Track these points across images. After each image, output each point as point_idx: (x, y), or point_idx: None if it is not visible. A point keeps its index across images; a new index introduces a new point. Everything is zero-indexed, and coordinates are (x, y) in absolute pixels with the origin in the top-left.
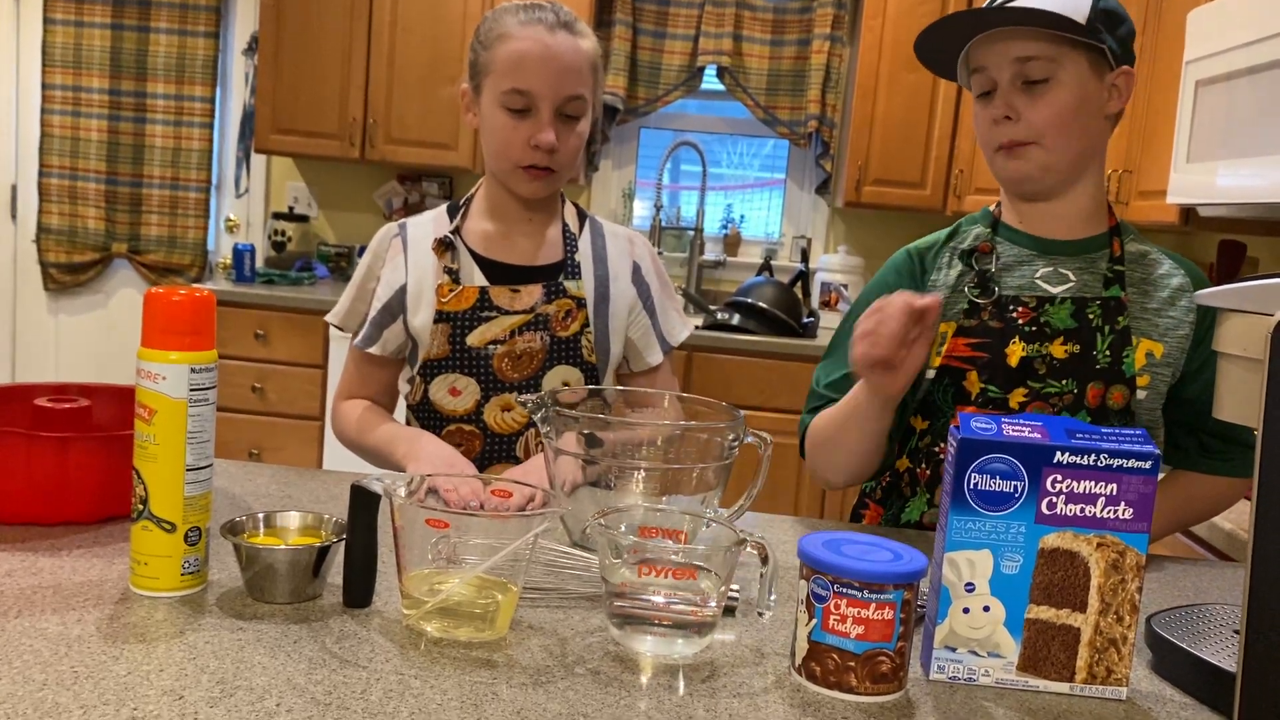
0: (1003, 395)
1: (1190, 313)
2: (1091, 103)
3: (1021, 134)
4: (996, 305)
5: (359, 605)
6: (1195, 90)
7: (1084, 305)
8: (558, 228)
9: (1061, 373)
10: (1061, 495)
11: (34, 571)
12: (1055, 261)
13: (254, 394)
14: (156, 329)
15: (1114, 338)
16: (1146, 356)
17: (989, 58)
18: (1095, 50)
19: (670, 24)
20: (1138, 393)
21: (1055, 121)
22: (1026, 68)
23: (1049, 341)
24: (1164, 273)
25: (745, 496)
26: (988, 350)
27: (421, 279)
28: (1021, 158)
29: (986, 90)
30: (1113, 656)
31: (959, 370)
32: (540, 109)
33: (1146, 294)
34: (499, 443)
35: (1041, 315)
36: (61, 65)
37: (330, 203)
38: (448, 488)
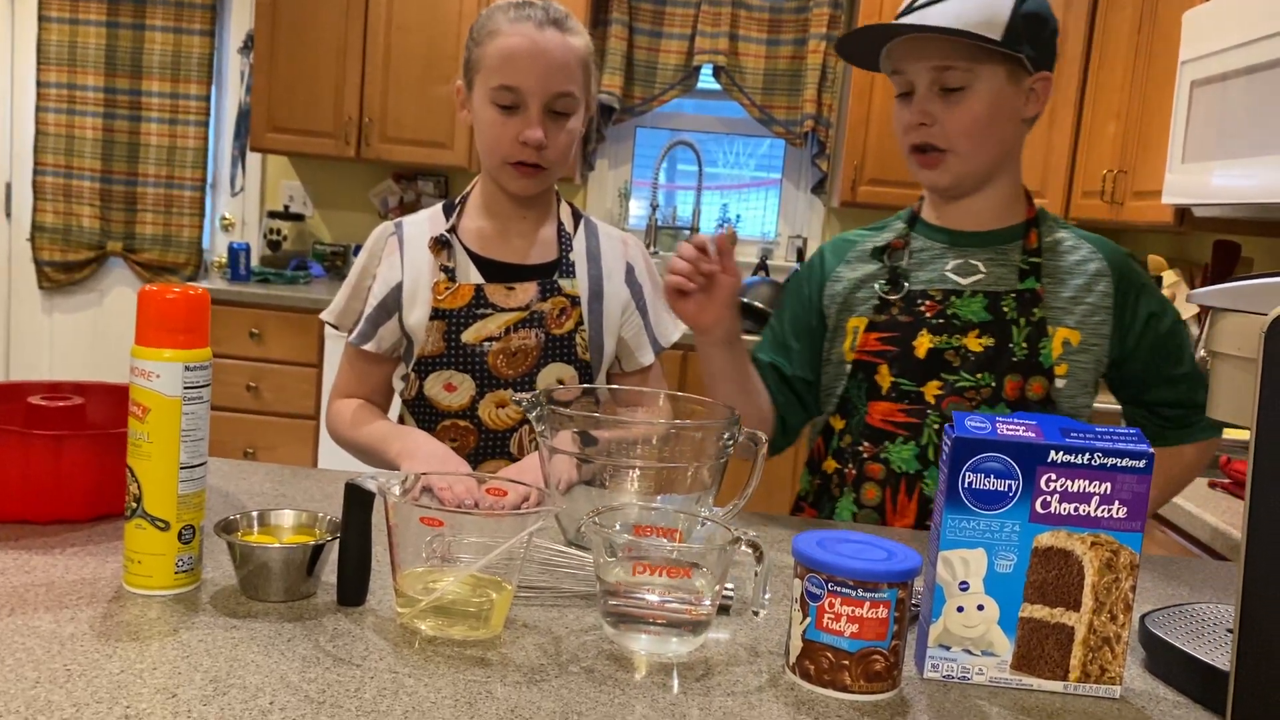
0: (916, 388)
1: (1108, 296)
2: (1007, 109)
3: (936, 139)
4: (905, 300)
5: (353, 604)
6: (1190, 91)
7: (998, 299)
8: (553, 226)
9: (977, 366)
10: (1055, 494)
11: (27, 569)
12: (966, 253)
13: (249, 393)
14: (150, 327)
15: (1030, 329)
16: (1063, 345)
17: (907, 62)
18: (1015, 58)
19: (666, 23)
20: (1056, 382)
21: (970, 130)
22: (944, 76)
23: (960, 334)
24: (1080, 259)
25: (740, 495)
26: (897, 344)
27: (417, 277)
28: (936, 167)
29: (906, 91)
30: (1106, 655)
31: (870, 364)
32: (529, 105)
33: (1062, 282)
34: (493, 439)
35: (949, 308)
36: (56, 63)
37: (326, 201)
38: (442, 486)
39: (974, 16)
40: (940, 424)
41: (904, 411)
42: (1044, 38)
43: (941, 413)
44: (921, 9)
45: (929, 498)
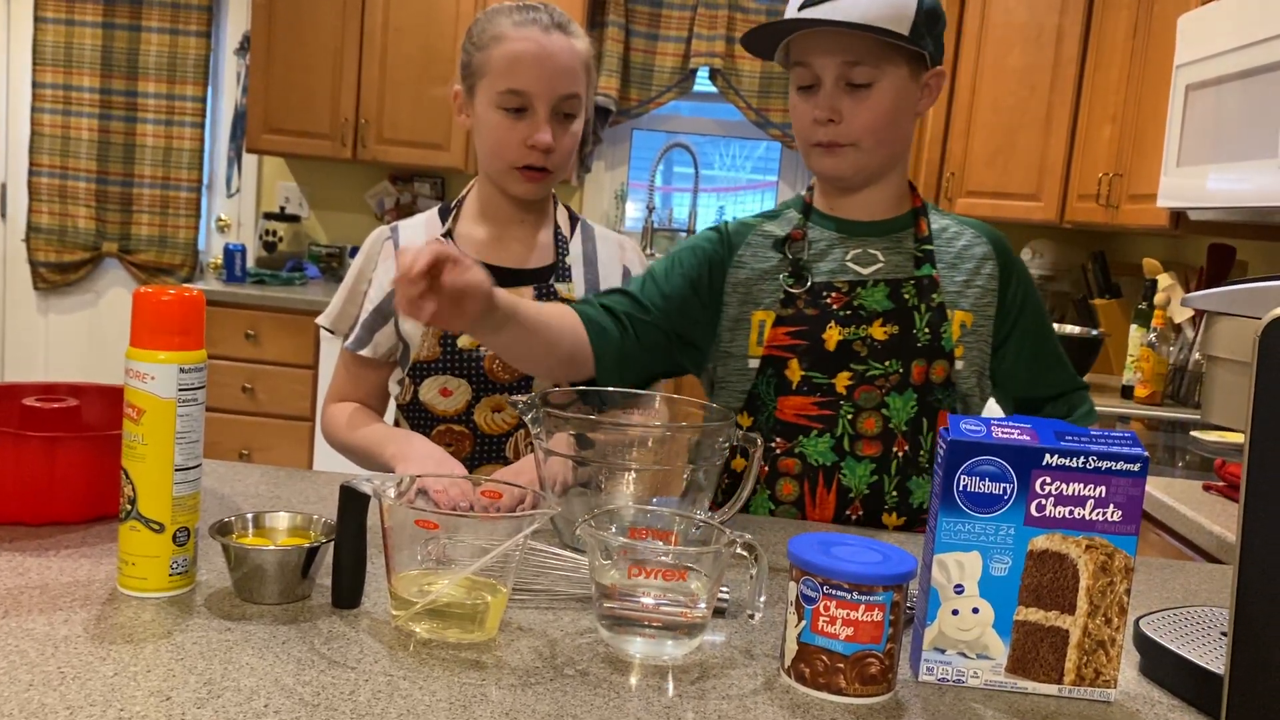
0: (827, 380)
1: (994, 279)
2: (907, 105)
3: (841, 136)
4: (810, 293)
5: (348, 606)
6: (1186, 94)
7: (898, 286)
8: (549, 230)
9: (884, 354)
10: (1050, 497)
11: (21, 571)
12: (865, 243)
13: (244, 394)
14: (145, 329)
15: (931, 314)
16: (961, 328)
17: (814, 55)
18: (915, 54)
19: (663, 26)
20: (956, 364)
21: (874, 126)
22: (852, 71)
23: (866, 324)
24: (967, 243)
25: (735, 498)
26: (806, 337)
27: None
28: (838, 157)
29: (809, 84)
30: (1101, 658)
31: (780, 359)
32: (536, 109)
33: (954, 267)
34: (489, 443)
35: (855, 299)
36: (52, 64)
37: (322, 203)
38: (438, 489)
39: (883, 11)
40: (854, 414)
41: (817, 405)
42: (939, 33)
43: (855, 402)
44: (829, 1)
45: (848, 488)
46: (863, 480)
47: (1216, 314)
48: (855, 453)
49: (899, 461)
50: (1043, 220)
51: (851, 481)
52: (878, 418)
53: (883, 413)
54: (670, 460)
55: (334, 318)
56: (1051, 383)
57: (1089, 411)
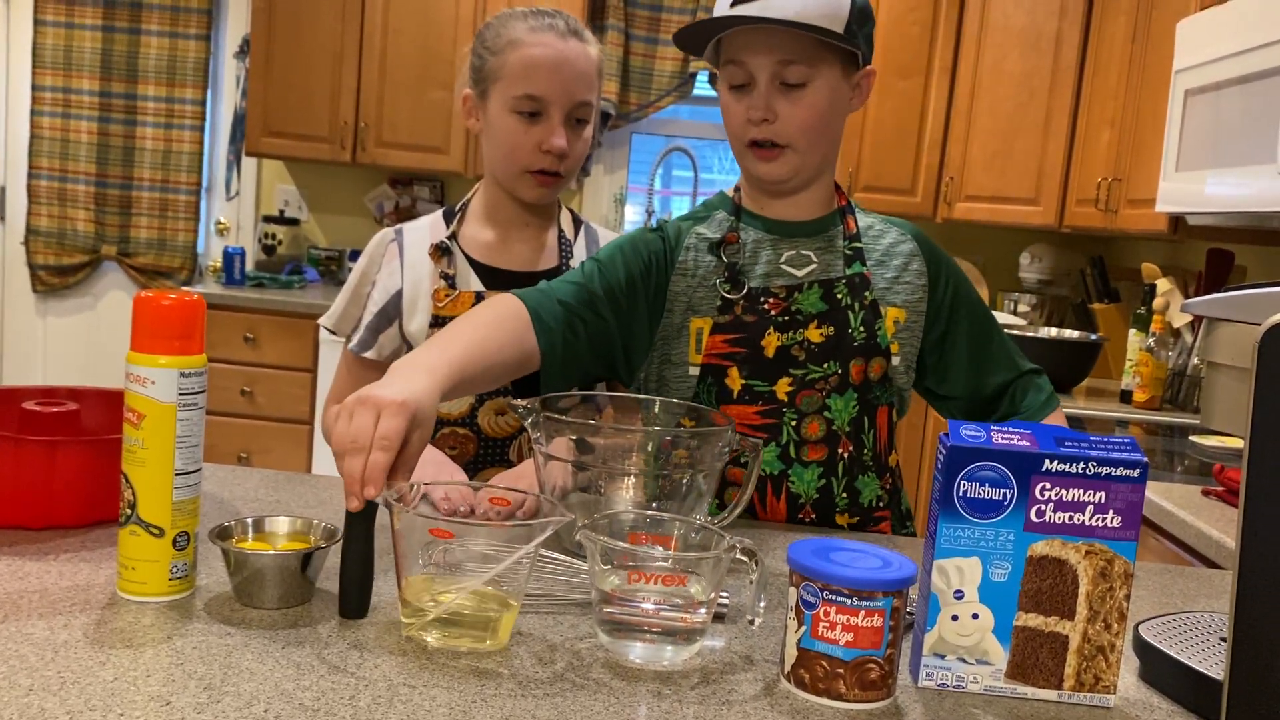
0: (768, 387)
1: (923, 275)
2: (840, 105)
3: (776, 136)
4: (748, 299)
5: (355, 616)
6: (1184, 99)
7: (830, 286)
8: (554, 233)
9: (821, 356)
10: (1050, 503)
11: (21, 576)
12: (796, 244)
13: (243, 397)
14: (145, 333)
15: (865, 312)
16: (895, 324)
17: (748, 54)
18: (848, 53)
19: (662, 30)
20: (892, 360)
21: (809, 126)
22: (786, 71)
23: (803, 328)
24: (893, 240)
25: (735, 503)
26: (744, 345)
27: (417, 284)
28: (776, 162)
29: (742, 83)
30: (1100, 664)
31: (720, 368)
32: (551, 114)
33: (883, 264)
34: (492, 446)
35: (792, 304)
36: (52, 67)
37: (321, 206)
38: (440, 495)
39: (818, 10)
40: (797, 420)
41: (760, 414)
42: (869, 32)
43: (797, 408)
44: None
45: (797, 494)
46: (811, 485)
47: (1216, 320)
48: (801, 458)
49: (845, 462)
50: (1042, 225)
51: (800, 487)
52: (821, 421)
53: (825, 415)
54: (670, 465)
55: (336, 319)
56: (998, 373)
57: (1048, 398)
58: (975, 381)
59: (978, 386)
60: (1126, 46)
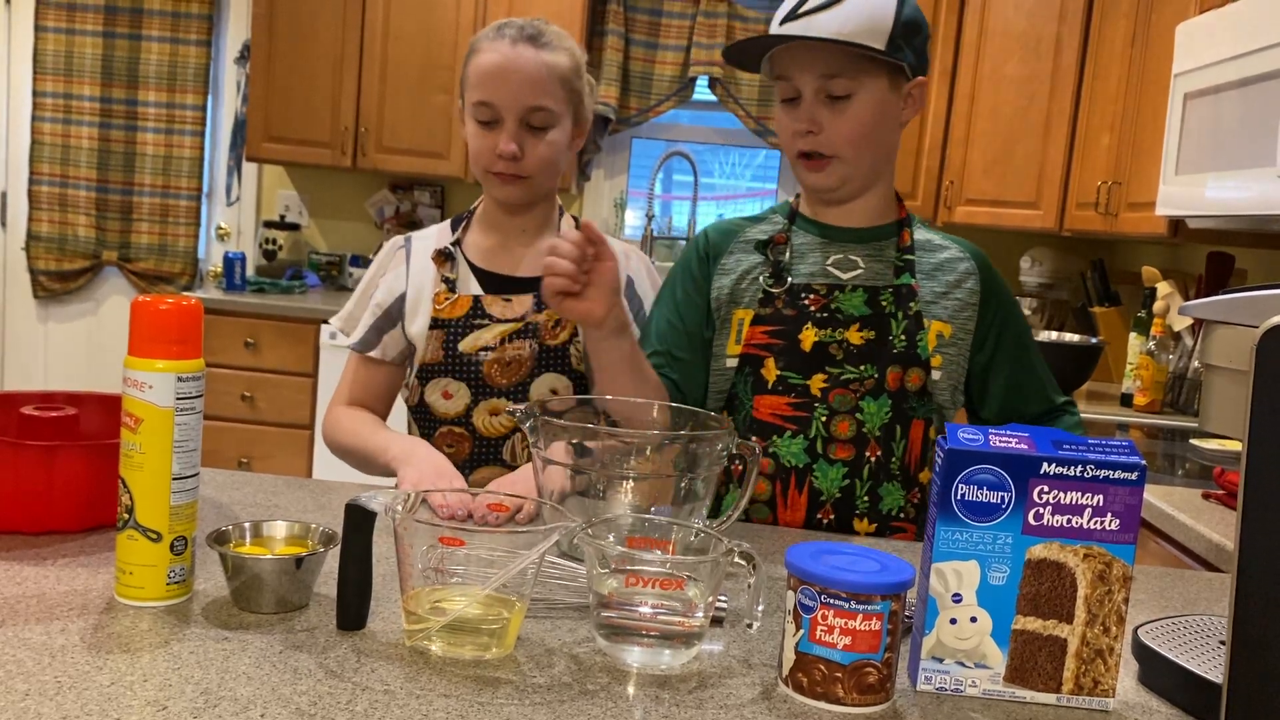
0: (802, 381)
1: (975, 294)
2: (889, 115)
3: (822, 146)
4: (789, 293)
5: (353, 628)
6: (1184, 103)
7: (876, 293)
8: (553, 239)
9: (859, 358)
10: (1048, 506)
11: (18, 580)
12: (846, 249)
13: (244, 402)
14: (143, 338)
15: (908, 322)
16: (937, 338)
17: (793, 69)
18: (895, 65)
19: (662, 35)
20: (933, 373)
21: (855, 137)
22: (830, 84)
23: (843, 328)
24: (949, 257)
25: (733, 506)
26: (782, 337)
27: (420, 287)
28: (823, 171)
29: (791, 97)
30: (1099, 667)
31: (757, 358)
32: (505, 119)
33: (934, 278)
34: (487, 445)
35: (832, 302)
36: (53, 72)
37: (321, 211)
38: (440, 501)
39: (859, 25)
40: (827, 416)
41: (791, 405)
42: (918, 44)
43: (829, 405)
44: (808, 15)
45: (819, 490)
46: (834, 484)
47: (1214, 322)
48: (828, 455)
49: (871, 466)
50: (1042, 228)
51: (823, 484)
52: (851, 421)
53: (856, 417)
54: (668, 469)
55: (344, 319)
56: (1032, 404)
57: (1073, 427)
58: (1009, 412)
59: (1010, 417)
60: (1126, 50)
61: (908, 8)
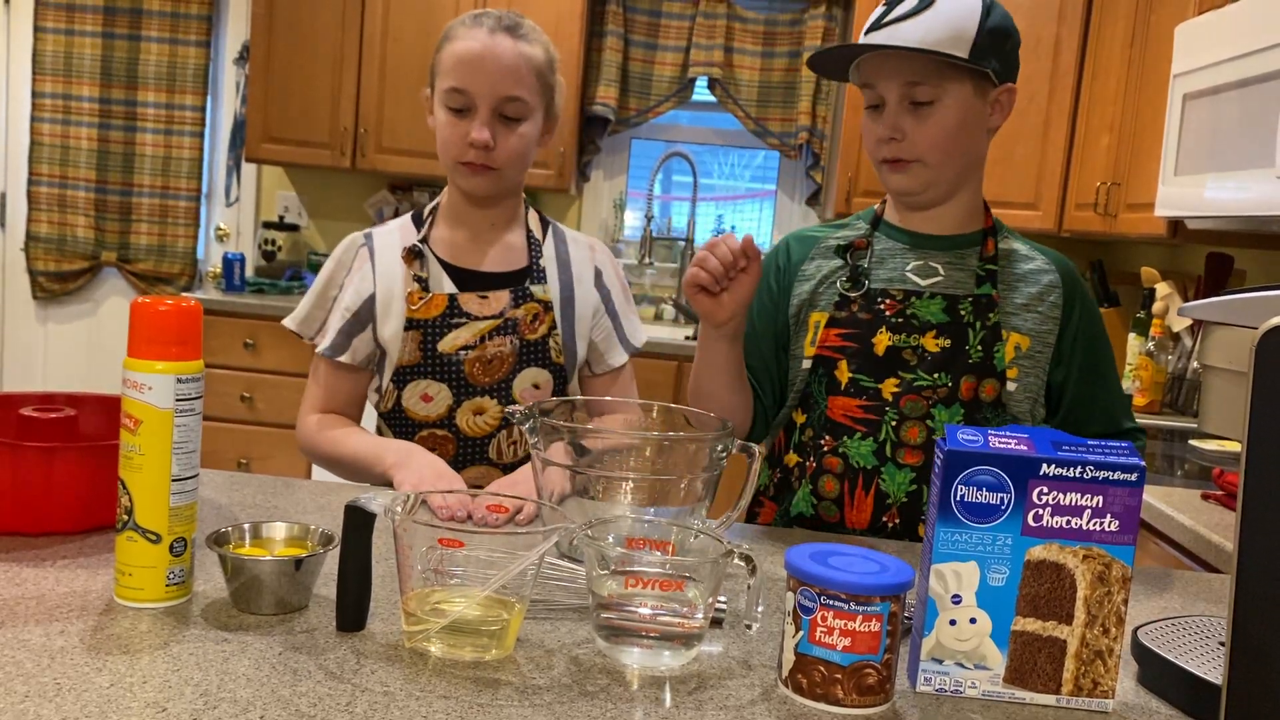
0: (874, 385)
1: (1057, 307)
2: (974, 121)
3: (906, 153)
4: (865, 298)
5: (353, 629)
6: (1183, 103)
7: (956, 302)
8: (521, 234)
9: (934, 366)
10: (1047, 507)
11: (17, 582)
12: (927, 255)
13: (243, 403)
14: (142, 339)
15: (985, 333)
16: (1015, 350)
17: (878, 77)
18: (980, 72)
19: (661, 35)
20: (1008, 385)
21: (939, 143)
22: (913, 90)
23: (919, 334)
24: (1034, 269)
25: (733, 508)
26: (856, 340)
27: (390, 287)
28: (906, 173)
29: (876, 104)
30: (1099, 668)
31: (831, 360)
32: (478, 108)
33: (1016, 289)
34: (471, 445)
35: (908, 308)
36: (52, 73)
37: (321, 212)
38: (439, 503)
39: (942, 33)
40: (898, 420)
41: (862, 407)
42: (1007, 51)
43: (899, 410)
44: (892, 25)
45: (885, 493)
46: (901, 488)
47: (1213, 323)
48: (897, 459)
49: None
50: (1041, 229)
51: (890, 487)
52: (922, 428)
53: (927, 423)
54: (667, 469)
55: (300, 320)
56: (1094, 424)
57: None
58: (1070, 426)
59: (1073, 432)
60: (1125, 51)
61: (995, 15)
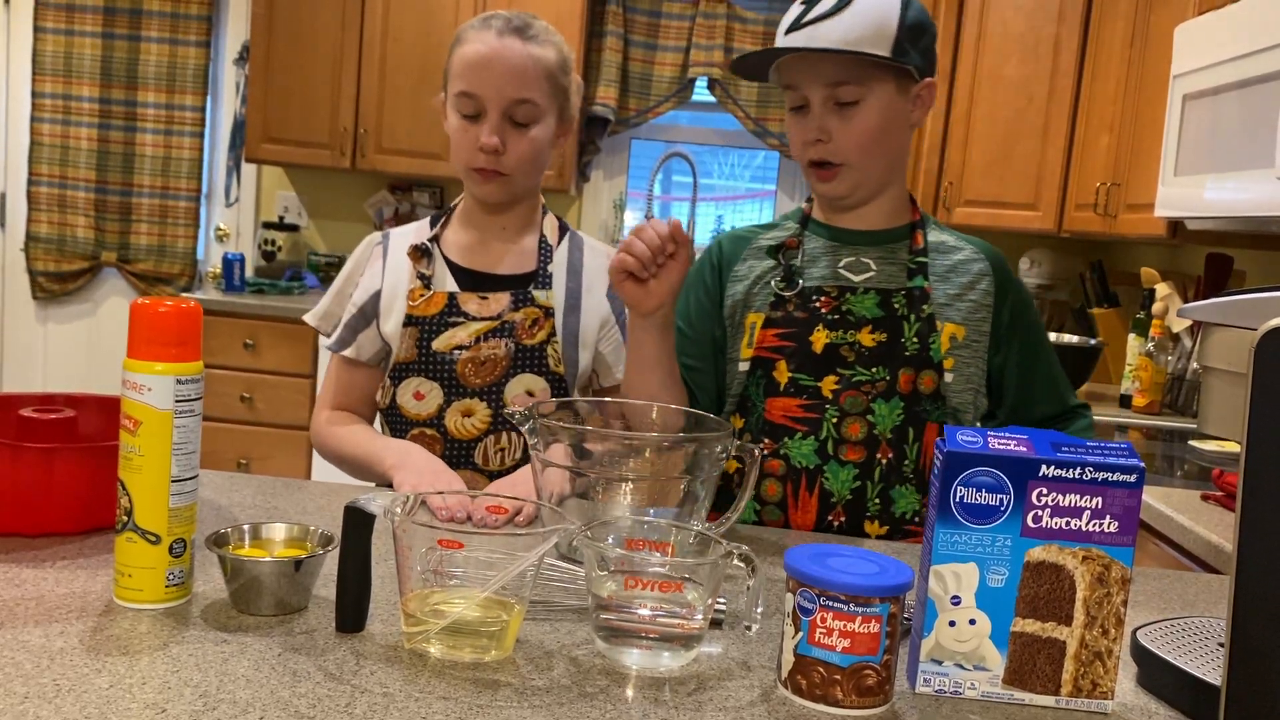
0: (814, 383)
1: (989, 295)
2: (898, 119)
3: (832, 155)
4: (800, 296)
5: (352, 630)
6: (1183, 104)
7: (889, 296)
8: (534, 238)
9: (872, 360)
10: (1047, 508)
11: (17, 583)
12: (857, 251)
13: (243, 403)
14: (142, 340)
15: (920, 325)
16: (950, 340)
17: (800, 79)
18: (902, 69)
19: (661, 36)
20: (945, 376)
21: (864, 143)
22: (837, 91)
23: (855, 330)
24: (964, 258)
25: (732, 509)
26: (794, 339)
27: (396, 284)
28: (835, 179)
29: (800, 105)
30: (1098, 670)
31: (769, 360)
32: (488, 112)
33: (947, 280)
34: (458, 448)
35: (843, 304)
36: (52, 73)
37: (320, 212)
38: (438, 503)
39: (863, 32)
40: (838, 417)
41: (802, 407)
42: (926, 45)
43: (840, 406)
44: (811, 25)
45: (830, 492)
46: (845, 485)
47: (1213, 324)
48: (839, 457)
49: (883, 469)
50: (1040, 229)
51: (834, 486)
52: (863, 423)
53: (868, 419)
54: (668, 471)
55: (319, 316)
56: (1041, 404)
57: (1083, 430)
58: (1020, 411)
59: (1022, 418)
60: (1125, 51)
61: (912, 10)
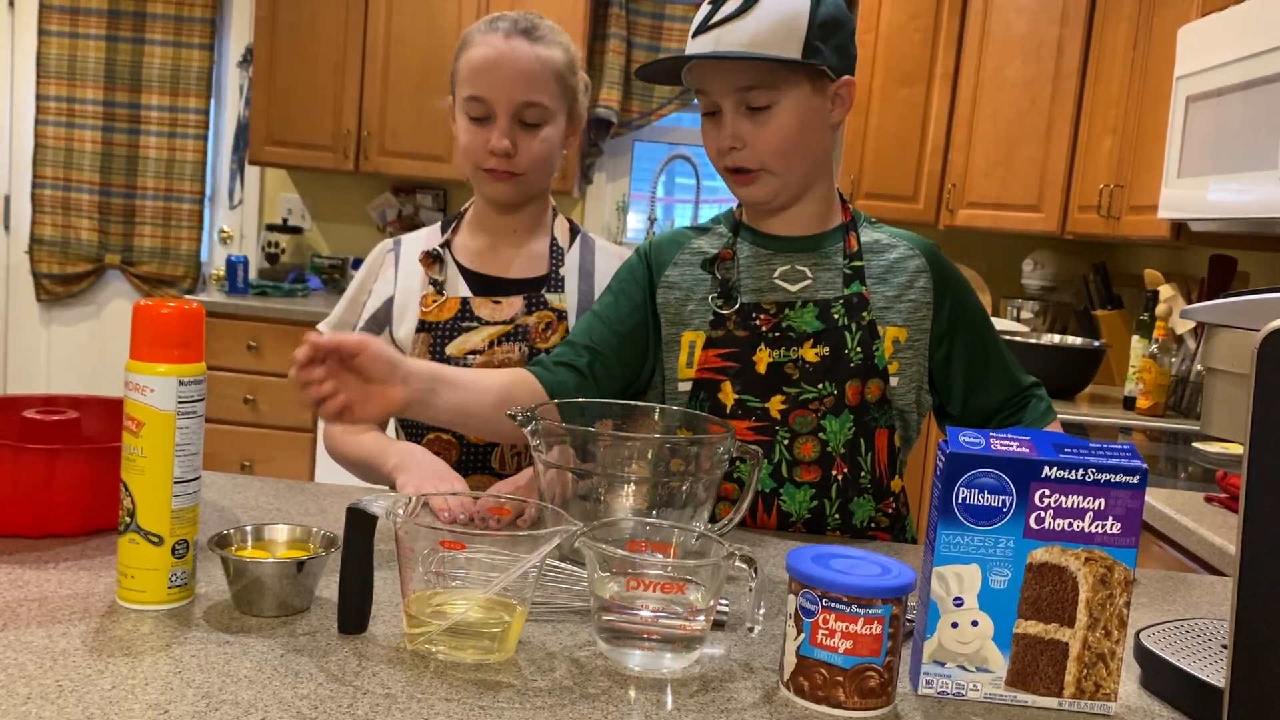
0: (761, 404)
1: (928, 291)
2: (815, 120)
3: (748, 161)
4: (740, 313)
5: (354, 631)
6: (1186, 105)
7: (828, 306)
8: (545, 241)
9: (816, 376)
10: (1049, 510)
11: (20, 584)
12: (791, 259)
13: (246, 405)
14: (145, 341)
15: (862, 333)
16: (894, 344)
17: (710, 84)
18: (816, 68)
19: (664, 38)
20: (891, 380)
21: (780, 149)
22: (748, 96)
23: (797, 346)
24: (899, 256)
25: (735, 510)
26: (737, 359)
27: (408, 290)
28: (753, 185)
29: (712, 110)
30: (1101, 671)
31: (713, 381)
32: (498, 115)
33: (885, 281)
34: (475, 453)
35: (784, 320)
36: (56, 76)
37: (324, 214)
38: (442, 506)
39: (771, 34)
40: (790, 439)
41: (753, 429)
42: (842, 41)
43: (790, 427)
44: (718, 27)
45: (788, 513)
46: (803, 505)
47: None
48: (794, 478)
49: (839, 484)
50: (1044, 231)
51: (791, 507)
52: (815, 442)
53: (819, 437)
54: (669, 472)
55: (333, 325)
56: (995, 390)
57: (1045, 412)
58: (974, 401)
59: (977, 406)
60: (1128, 53)
61: (825, 6)
